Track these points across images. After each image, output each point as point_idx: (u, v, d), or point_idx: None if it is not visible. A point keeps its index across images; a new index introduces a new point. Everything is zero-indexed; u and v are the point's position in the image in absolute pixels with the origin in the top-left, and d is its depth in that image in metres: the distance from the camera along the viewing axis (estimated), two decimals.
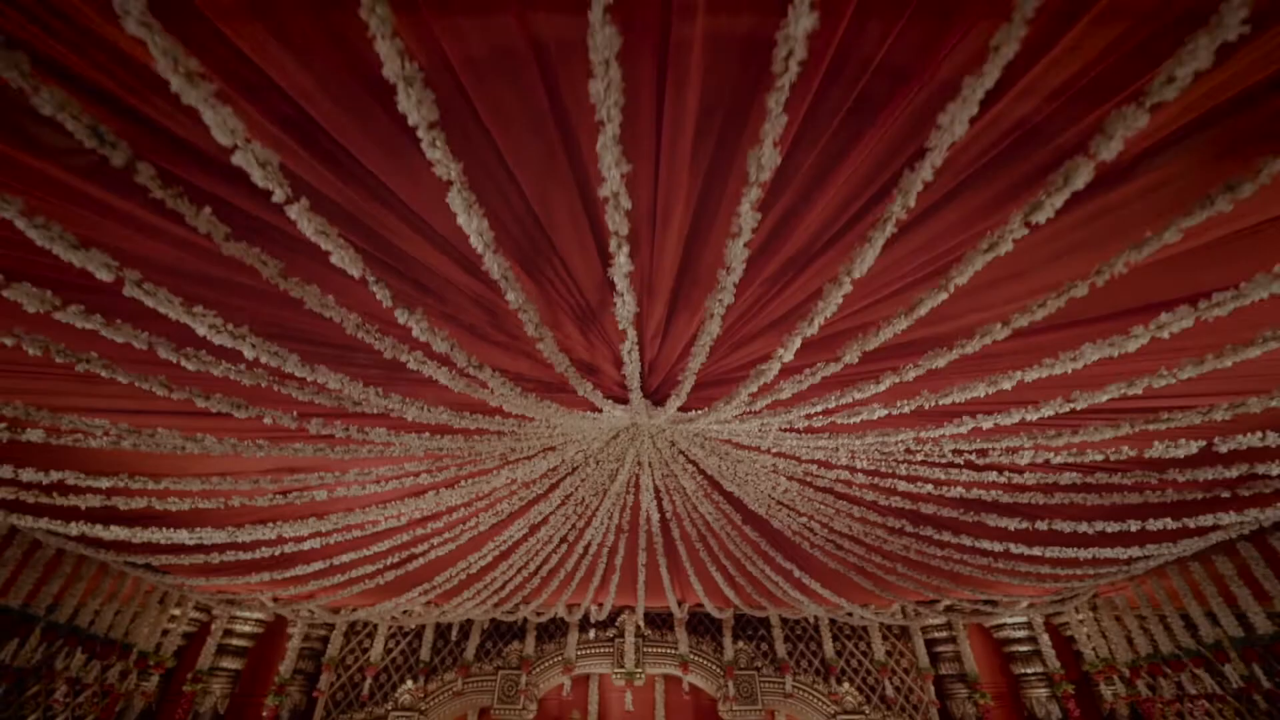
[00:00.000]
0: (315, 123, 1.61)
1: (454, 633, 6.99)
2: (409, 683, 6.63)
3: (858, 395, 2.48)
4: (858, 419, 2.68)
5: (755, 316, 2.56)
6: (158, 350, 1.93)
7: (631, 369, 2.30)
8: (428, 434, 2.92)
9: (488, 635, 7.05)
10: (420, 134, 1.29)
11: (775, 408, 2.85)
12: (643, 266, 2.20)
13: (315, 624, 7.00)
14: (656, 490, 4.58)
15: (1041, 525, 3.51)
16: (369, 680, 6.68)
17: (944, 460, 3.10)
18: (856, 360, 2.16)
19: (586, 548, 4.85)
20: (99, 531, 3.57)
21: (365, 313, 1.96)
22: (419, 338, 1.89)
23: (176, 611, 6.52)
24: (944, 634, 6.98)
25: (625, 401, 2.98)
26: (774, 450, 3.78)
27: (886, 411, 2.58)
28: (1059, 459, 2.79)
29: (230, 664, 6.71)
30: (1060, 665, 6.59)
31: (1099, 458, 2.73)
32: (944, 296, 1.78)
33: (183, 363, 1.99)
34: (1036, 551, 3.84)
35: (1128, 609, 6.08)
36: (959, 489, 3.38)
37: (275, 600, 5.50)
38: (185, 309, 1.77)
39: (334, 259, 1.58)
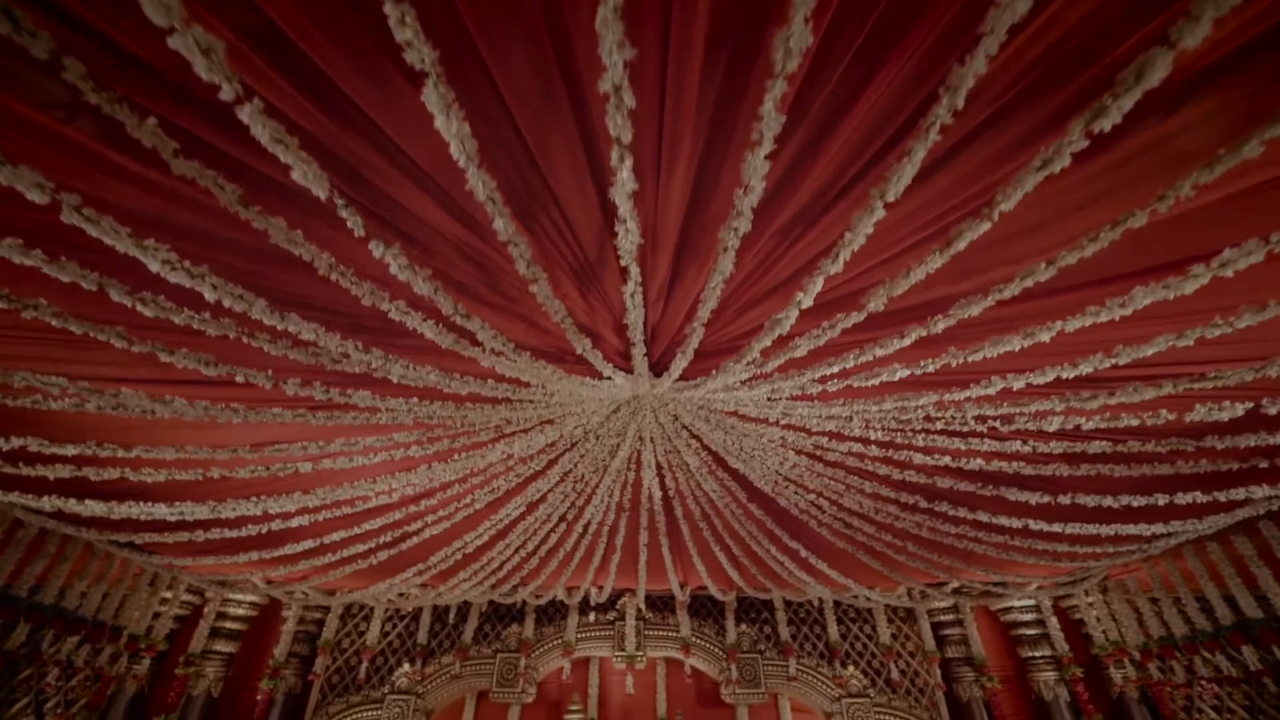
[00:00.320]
0: (286, 37, 1.41)
1: (451, 615, 6.86)
2: (406, 666, 6.51)
3: (879, 353, 2.29)
4: (876, 381, 2.49)
5: (764, 276, 2.37)
6: (110, 293, 1.74)
7: (635, 316, 2.11)
8: (416, 399, 2.74)
9: (486, 618, 6.92)
10: (387, 9, 1.09)
11: (788, 369, 2.67)
12: (646, 215, 2.01)
13: (310, 606, 6.87)
14: (659, 467, 4.41)
15: (1064, 499, 3.33)
16: (365, 663, 6.56)
17: (965, 429, 2.92)
18: (882, 307, 1.97)
19: (586, 526, 4.69)
20: (75, 507, 3.40)
21: (343, 258, 1.78)
22: (398, 276, 1.70)
23: (168, 594, 6.39)
24: (950, 617, 6.85)
25: (627, 370, 2.80)
26: (783, 422, 3.60)
27: (908, 372, 2.40)
28: (1090, 424, 2.61)
29: (224, 647, 6.59)
30: (1069, 648, 6.47)
31: (1134, 423, 2.54)
32: (986, 226, 1.58)
33: (139, 308, 1.80)
34: (1056, 528, 3.68)
35: (1139, 591, 5.94)
36: (978, 461, 3.20)
37: (268, 582, 5.35)
38: (135, 242, 1.58)
39: (295, 175, 1.38)
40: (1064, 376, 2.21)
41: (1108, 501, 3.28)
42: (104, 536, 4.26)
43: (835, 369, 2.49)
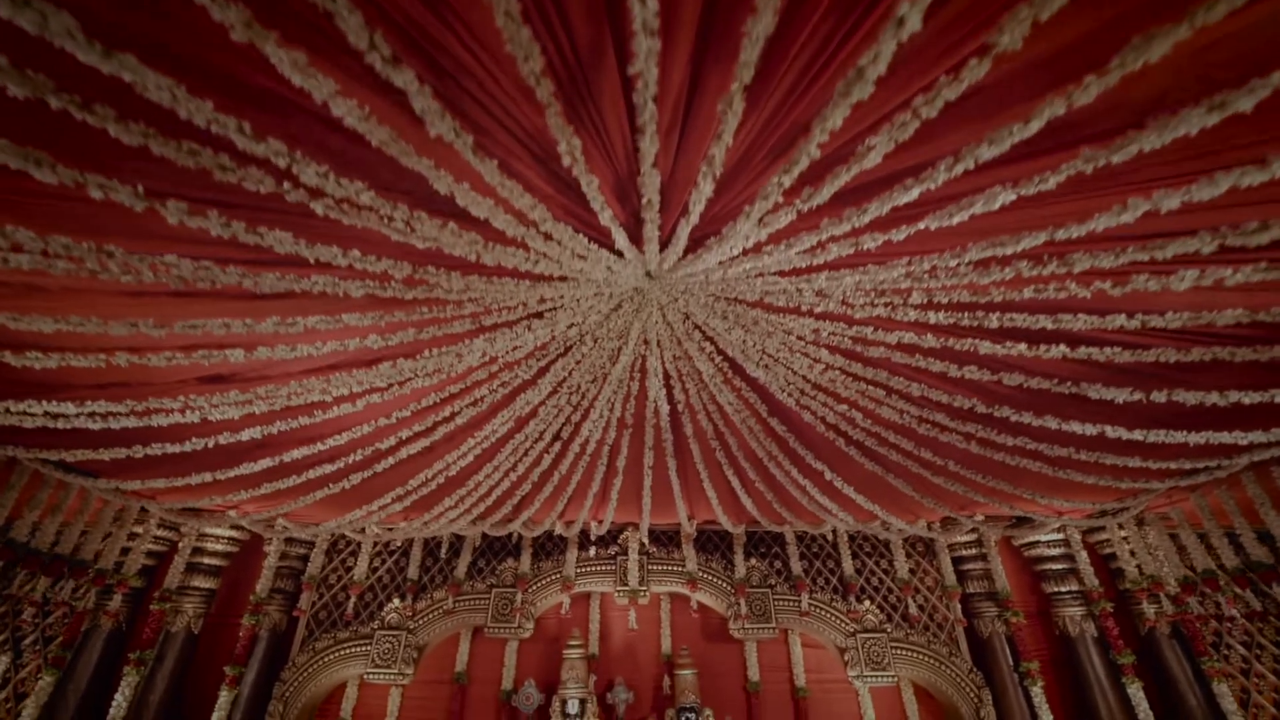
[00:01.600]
0: None
1: (443, 550, 6.46)
2: (396, 601, 6.16)
3: (949, 172, 1.66)
4: (962, 217, 1.86)
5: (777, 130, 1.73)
6: None
7: (647, 144, 1.48)
8: (357, 252, 2.10)
9: (480, 553, 6.53)
10: None
11: (815, 220, 2.04)
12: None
13: (294, 542, 6.48)
14: (666, 376, 3.83)
15: (1159, 396, 2.75)
16: (353, 599, 6.20)
17: (1060, 297, 2.29)
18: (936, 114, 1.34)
19: (584, 446, 4.15)
20: None
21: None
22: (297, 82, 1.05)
23: (138, 529, 5.98)
24: (973, 551, 6.45)
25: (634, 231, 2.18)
26: (818, 310, 2.99)
27: (1012, 195, 1.75)
28: (1236, 278, 1.98)
29: (203, 583, 6.23)
30: (1099, 583, 6.10)
31: None
32: None
33: None
34: (1136, 436, 3.12)
35: (1185, 522, 5.49)
36: (1061, 347, 2.59)
37: (233, 509, 4.87)
38: None
39: None
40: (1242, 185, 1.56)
41: (1213, 399, 2.70)
42: (33, 454, 3.71)
43: (885, 207, 1.85)
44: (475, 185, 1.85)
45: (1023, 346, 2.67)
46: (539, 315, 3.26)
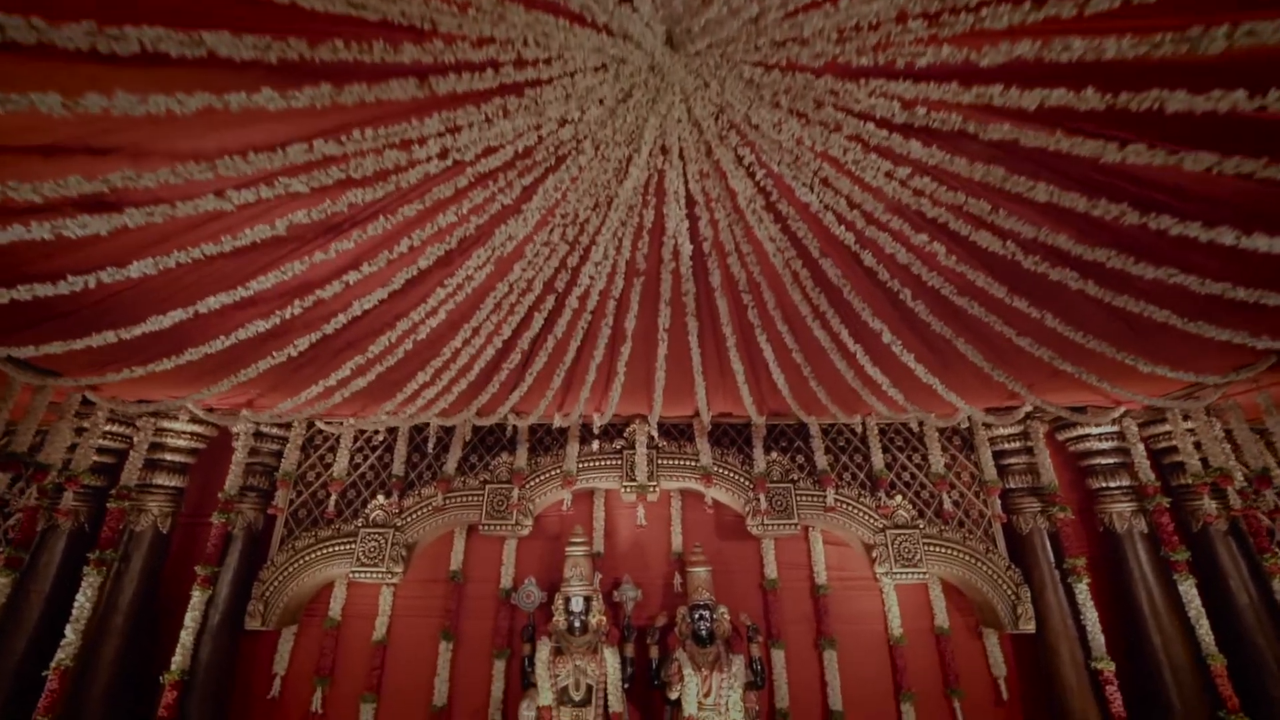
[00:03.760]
0: None
1: (431, 445, 5.84)
2: (380, 498, 5.60)
3: None
4: None
5: None
6: None
7: None
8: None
9: (471, 448, 5.91)
10: None
11: None
12: None
13: (265, 437, 5.84)
14: (690, 201, 2.93)
15: None
16: (334, 496, 5.64)
17: None
18: None
19: (584, 300, 3.31)
20: None
21: None
22: None
23: (86, 425, 5.31)
24: (1016, 445, 5.83)
25: None
26: (919, 63, 2.05)
27: None
28: None
29: (167, 481, 5.64)
30: (1155, 477, 5.52)
31: None
32: None
33: None
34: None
35: (1273, 407, 4.80)
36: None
37: (145, 378, 4.06)
38: None
39: None
40: None
41: None
42: None
43: None
44: None
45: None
46: (517, 90, 2.31)
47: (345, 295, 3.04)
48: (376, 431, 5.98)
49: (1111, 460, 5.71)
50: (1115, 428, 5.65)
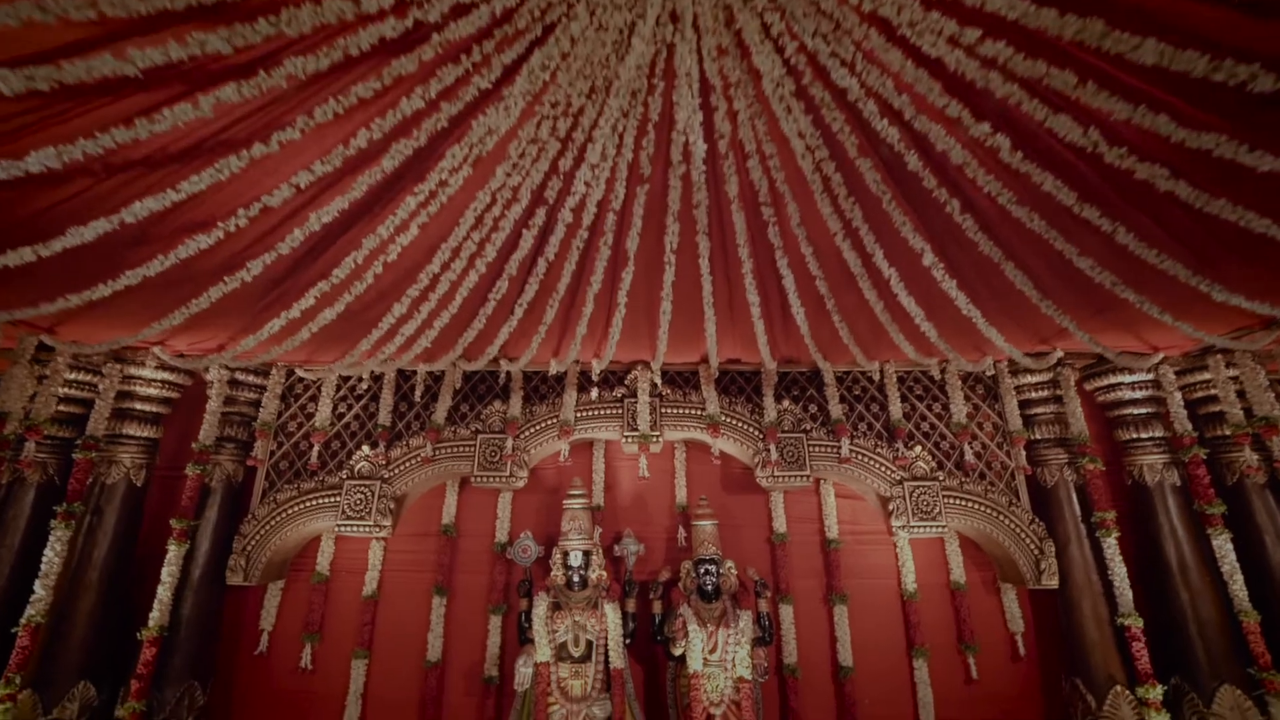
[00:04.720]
0: None
1: (418, 394, 5.46)
2: (366, 449, 5.27)
3: None
4: None
5: None
6: None
7: None
8: None
9: (462, 396, 5.54)
10: None
11: None
12: None
13: (241, 385, 5.46)
14: (705, 86, 2.44)
15: None
16: (316, 447, 5.31)
17: None
18: None
19: (578, 212, 2.85)
20: None
21: None
22: None
23: (47, 373, 4.93)
24: (1043, 394, 5.46)
25: None
26: None
27: None
28: None
29: (139, 431, 5.29)
30: (1191, 428, 5.16)
31: None
32: None
33: None
34: None
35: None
36: None
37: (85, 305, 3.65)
38: None
39: None
40: None
41: None
42: None
43: None
44: None
45: None
46: None
47: (298, 204, 2.59)
48: (360, 379, 5.60)
49: (1144, 410, 5.35)
50: (1150, 375, 5.28)
